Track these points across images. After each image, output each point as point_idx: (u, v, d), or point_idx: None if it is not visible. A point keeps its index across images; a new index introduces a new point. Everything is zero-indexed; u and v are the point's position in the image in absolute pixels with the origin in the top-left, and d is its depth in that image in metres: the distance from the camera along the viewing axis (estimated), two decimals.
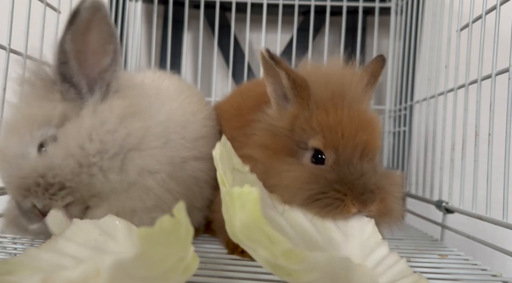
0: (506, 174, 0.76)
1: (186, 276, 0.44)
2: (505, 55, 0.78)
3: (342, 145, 0.66)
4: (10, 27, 0.89)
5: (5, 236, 0.83)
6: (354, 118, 0.67)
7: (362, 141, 0.66)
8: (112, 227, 0.59)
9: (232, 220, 0.48)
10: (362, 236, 0.63)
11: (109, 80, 0.69)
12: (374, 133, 0.68)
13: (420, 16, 1.35)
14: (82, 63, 0.67)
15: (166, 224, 0.40)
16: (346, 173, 0.65)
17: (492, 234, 0.89)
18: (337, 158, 0.66)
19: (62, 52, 0.65)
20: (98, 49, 0.67)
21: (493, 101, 0.82)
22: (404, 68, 1.40)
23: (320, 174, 0.66)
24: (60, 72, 0.67)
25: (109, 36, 0.66)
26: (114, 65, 0.69)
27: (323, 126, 0.67)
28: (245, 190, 0.48)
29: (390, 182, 0.69)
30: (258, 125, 0.75)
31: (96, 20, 0.64)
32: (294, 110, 0.71)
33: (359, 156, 0.66)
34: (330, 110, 0.68)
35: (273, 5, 1.45)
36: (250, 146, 0.74)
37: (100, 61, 0.68)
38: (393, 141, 1.46)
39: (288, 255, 0.46)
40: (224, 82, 1.61)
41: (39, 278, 0.39)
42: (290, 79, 0.69)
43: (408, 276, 0.55)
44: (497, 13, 0.82)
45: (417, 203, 1.22)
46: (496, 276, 0.70)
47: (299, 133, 0.70)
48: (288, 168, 0.68)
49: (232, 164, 0.63)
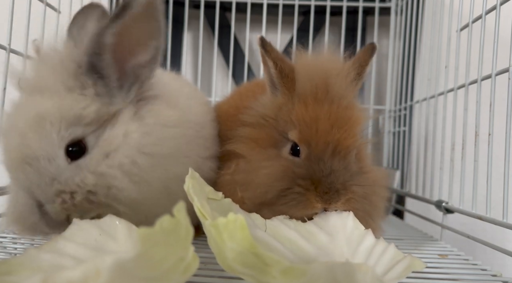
0: (506, 174, 0.76)
1: (186, 276, 0.44)
2: (505, 55, 0.78)
3: (315, 141, 0.66)
4: (10, 27, 0.89)
5: (5, 236, 0.83)
6: (332, 115, 0.67)
7: (335, 138, 0.66)
8: (112, 227, 0.59)
9: (223, 252, 0.48)
10: (346, 231, 0.63)
11: (144, 78, 0.64)
12: (350, 131, 0.67)
13: (420, 16, 1.35)
14: (117, 57, 0.61)
15: (166, 224, 0.40)
16: (315, 169, 0.65)
17: (492, 234, 0.89)
18: (309, 153, 0.67)
19: (98, 43, 0.59)
20: (139, 44, 0.61)
21: (493, 101, 0.82)
22: (404, 68, 1.40)
23: (291, 168, 0.66)
24: (90, 61, 0.60)
25: (155, 32, 0.61)
26: (153, 63, 0.64)
27: (300, 120, 0.67)
28: (231, 218, 0.47)
29: (365, 181, 0.69)
30: (250, 111, 0.76)
31: (147, 14, 0.58)
32: (280, 99, 0.72)
33: (330, 153, 0.66)
34: (310, 105, 0.68)
35: (273, 5, 1.45)
36: (235, 140, 0.75)
37: (138, 56, 0.62)
38: (393, 141, 1.46)
39: (287, 273, 0.46)
40: (224, 82, 1.61)
41: (39, 278, 0.39)
42: (277, 69, 0.70)
43: (402, 260, 0.55)
44: (497, 13, 0.82)
45: (417, 203, 1.22)
46: (496, 276, 0.70)
47: (282, 124, 0.70)
48: (265, 164, 0.68)
49: (205, 193, 0.63)
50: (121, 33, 0.59)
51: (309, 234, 0.63)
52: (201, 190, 0.61)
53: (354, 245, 0.60)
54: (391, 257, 0.56)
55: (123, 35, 0.59)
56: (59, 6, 1.09)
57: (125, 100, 0.63)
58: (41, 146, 0.58)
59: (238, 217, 0.47)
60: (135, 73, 0.63)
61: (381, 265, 0.55)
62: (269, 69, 0.71)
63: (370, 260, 0.57)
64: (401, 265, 0.54)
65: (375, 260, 0.56)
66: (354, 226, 0.63)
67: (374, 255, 0.57)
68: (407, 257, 0.55)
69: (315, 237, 0.63)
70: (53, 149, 0.58)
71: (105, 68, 0.61)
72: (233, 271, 0.49)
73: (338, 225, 0.64)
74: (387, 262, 0.56)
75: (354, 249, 0.60)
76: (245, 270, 0.48)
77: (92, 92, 0.60)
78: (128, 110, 0.63)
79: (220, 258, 0.49)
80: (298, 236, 0.62)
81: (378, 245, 0.59)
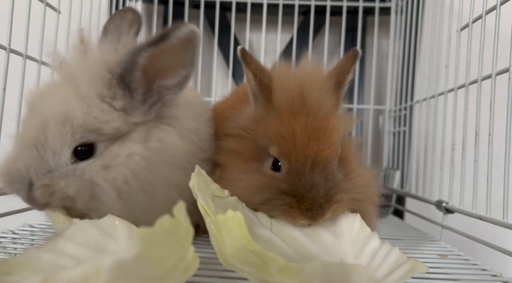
0: (506, 174, 0.77)
1: (186, 276, 0.44)
2: (505, 55, 0.78)
3: (294, 155, 0.66)
4: (10, 27, 0.89)
5: (5, 236, 0.83)
6: (308, 127, 0.67)
7: (313, 151, 0.66)
8: (112, 227, 0.59)
9: (222, 248, 0.48)
10: (352, 232, 0.63)
11: (168, 99, 0.67)
12: (327, 142, 0.67)
13: (420, 16, 1.35)
14: (147, 75, 0.64)
15: (166, 224, 0.39)
16: (297, 184, 0.65)
17: (492, 234, 0.89)
18: (290, 168, 0.66)
19: (132, 61, 0.62)
20: (170, 69, 0.65)
21: (493, 101, 0.82)
22: (404, 68, 1.40)
23: (273, 183, 0.66)
24: (122, 74, 0.63)
25: (187, 62, 0.64)
26: (179, 88, 0.66)
27: (277, 134, 0.67)
28: (229, 215, 0.48)
29: (352, 186, 0.69)
30: (231, 123, 0.76)
31: (183, 48, 0.62)
32: (260, 112, 0.71)
33: (310, 167, 0.65)
34: (285, 117, 0.68)
35: (273, 5, 1.46)
36: (219, 151, 0.76)
37: (166, 79, 0.65)
38: (393, 141, 1.46)
39: (284, 271, 0.46)
40: (224, 82, 1.61)
41: (39, 278, 0.39)
42: (257, 80, 0.70)
43: (404, 263, 0.55)
44: (497, 13, 0.82)
45: (417, 203, 1.22)
46: (496, 276, 0.70)
47: (261, 138, 0.70)
48: (244, 176, 0.69)
49: (211, 191, 0.64)
50: (155, 57, 0.62)
51: (315, 234, 0.63)
52: (206, 187, 0.61)
53: (359, 247, 0.61)
54: (395, 259, 0.57)
55: (156, 59, 0.62)
56: (59, 6, 1.09)
57: (144, 117, 0.66)
58: (53, 140, 0.62)
59: (236, 214, 0.47)
60: (160, 93, 0.66)
61: (384, 267, 0.56)
62: (250, 80, 0.71)
63: (374, 262, 0.57)
64: (404, 268, 0.54)
65: (379, 262, 0.57)
66: (361, 229, 0.64)
67: (378, 257, 0.58)
68: (410, 260, 0.55)
69: (320, 237, 0.63)
70: (62, 147, 0.62)
71: (134, 82, 0.63)
72: (233, 267, 0.49)
73: (345, 227, 0.64)
74: (391, 265, 0.56)
75: (359, 251, 0.60)
76: (244, 267, 0.48)
77: (121, 104, 0.63)
78: (141, 129, 0.66)
79: (220, 254, 0.50)
80: (304, 236, 0.63)
81: (382, 247, 0.59)
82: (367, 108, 1.49)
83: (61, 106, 0.62)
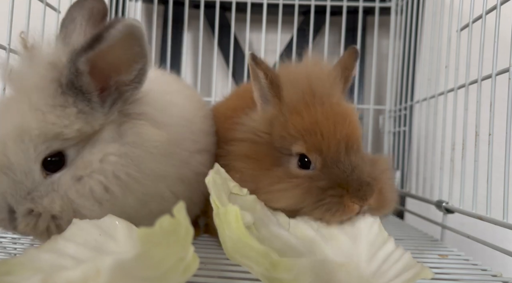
0: (506, 174, 0.76)
1: (186, 276, 0.44)
2: (505, 55, 0.78)
3: (325, 145, 0.65)
4: (10, 27, 0.89)
5: (5, 236, 0.83)
6: (329, 114, 0.66)
7: (343, 135, 0.65)
8: (112, 227, 0.59)
9: (225, 241, 0.50)
10: (370, 236, 0.63)
11: (129, 95, 0.63)
12: (352, 124, 0.67)
13: (420, 16, 1.35)
14: (96, 77, 0.60)
15: (166, 224, 0.39)
16: (337, 172, 0.64)
17: (492, 234, 0.89)
18: (324, 160, 0.65)
19: (73, 68, 0.58)
20: (122, 64, 0.60)
21: (493, 101, 0.82)
22: (404, 68, 1.40)
23: (312, 184, 0.65)
24: (69, 80, 0.59)
25: (138, 56, 0.60)
26: (138, 82, 0.62)
27: (300, 130, 0.66)
28: (228, 208, 0.50)
29: (380, 168, 0.69)
30: (242, 128, 0.75)
31: (126, 42, 0.57)
32: (272, 113, 0.71)
33: (344, 152, 0.65)
34: (303, 112, 0.67)
35: (273, 5, 1.45)
36: (233, 156, 0.74)
37: (120, 75, 0.61)
38: (393, 141, 1.46)
39: (276, 265, 0.48)
40: (224, 82, 1.61)
41: (39, 278, 0.39)
42: (268, 79, 0.70)
43: (411, 268, 0.55)
44: (497, 13, 0.82)
45: (417, 203, 1.22)
46: (496, 276, 0.70)
47: (278, 140, 0.69)
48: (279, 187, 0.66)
49: (229, 188, 0.64)
50: (97, 59, 0.58)
51: (331, 236, 0.63)
52: (223, 184, 0.61)
53: (374, 250, 0.61)
54: (404, 265, 0.57)
55: (99, 61, 0.58)
56: (59, 6, 1.09)
57: (107, 117, 0.62)
58: (18, 160, 0.58)
59: (233, 208, 0.49)
60: (119, 90, 0.63)
61: (392, 271, 0.56)
62: (260, 81, 0.71)
63: (384, 266, 0.57)
64: (409, 273, 0.54)
65: (389, 266, 0.57)
66: (379, 232, 0.63)
67: (390, 261, 0.58)
68: (417, 266, 0.55)
69: (337, 239, 0.63)
70: (29, 164, 0.58)
71: (84, 86, 0.59)
72: (235, 259, 0.51)
73: (363, 230, 0.64)
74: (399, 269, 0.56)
75: (373, 254, 0.60)
76: (243, 259, 0.49)
77: (74, 110, 0.59)
78: (111, 128, 0.63)
79: (224, 246, 0.51)
80: (320, 238, 0.63)
81: (396, 252, 0.59)
82: (367, 108, 1.49)
83: (14, 121, 0.58)
